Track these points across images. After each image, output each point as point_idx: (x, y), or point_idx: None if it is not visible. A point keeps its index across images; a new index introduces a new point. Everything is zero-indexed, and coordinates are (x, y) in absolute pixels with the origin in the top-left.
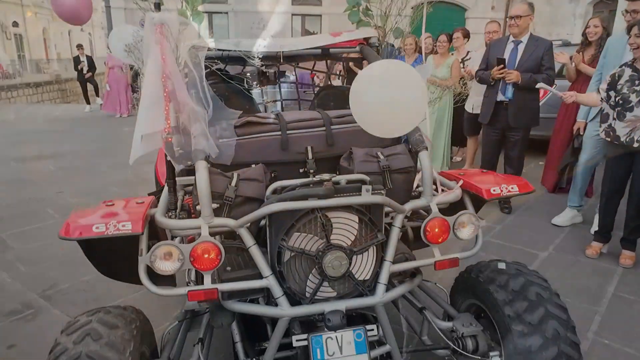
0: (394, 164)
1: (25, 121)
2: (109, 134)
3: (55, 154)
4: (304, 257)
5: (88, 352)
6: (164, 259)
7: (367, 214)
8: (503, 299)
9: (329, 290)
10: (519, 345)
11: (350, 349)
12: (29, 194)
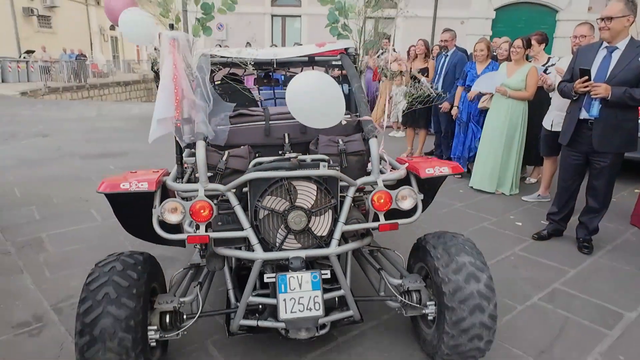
0: (350, 148)
1: (104, 118)
2: None
3: (119, 153)
4: (274, 214)
5: (112, 278)
6: (171, 212)
7: (323, 184)
8: (440, 262)
9: (294, 242)
10: (448, 299)
11: (308, 286)
12: (80, 193)
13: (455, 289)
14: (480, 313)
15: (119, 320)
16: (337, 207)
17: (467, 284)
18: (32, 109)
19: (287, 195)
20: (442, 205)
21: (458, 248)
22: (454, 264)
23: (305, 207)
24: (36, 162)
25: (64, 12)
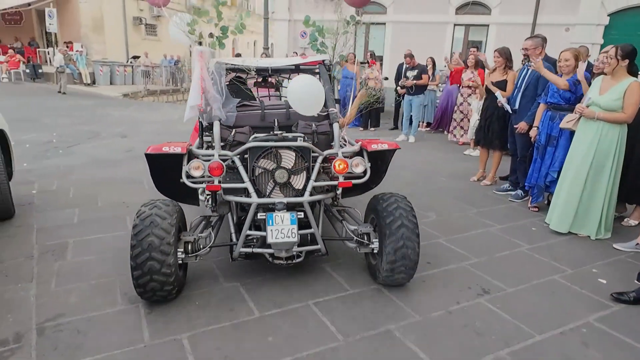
0: (319, 129)
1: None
2: None
3: None
4: (265, 172)
5: (155, 213)
6: (194, 169)
7: (300, 152)
8: (382, 212)
9: (279, 193)
10: (387, 237)
11: (287, 222)
12: (125, 197)
13: (391, 231)
14: (407, 247)
15: (161, 239)
16: (310, 169)
17: (399, 228)
18: (125, 110)
19: (275, 159)
20: (506, 244)
21: (396, 204)
22: (391, 214)
23: (287, 168)
24: (104, 162)
25: (168, 21)
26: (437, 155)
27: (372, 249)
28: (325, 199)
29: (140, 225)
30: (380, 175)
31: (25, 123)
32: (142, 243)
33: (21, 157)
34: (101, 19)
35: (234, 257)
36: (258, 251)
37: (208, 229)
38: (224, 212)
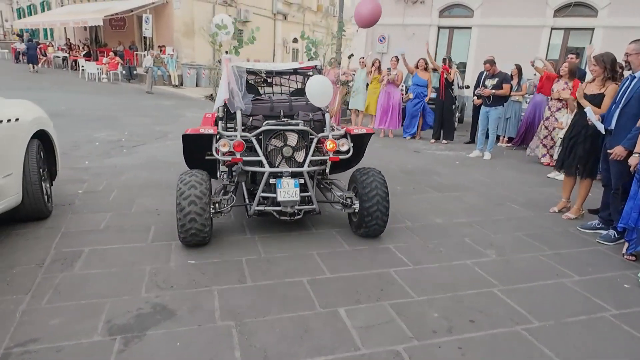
0: (315, 117)
1: None
2: None
3: None
4: (275, 148)
5: (194, 180)
6: (222, 146)
7: (300, 134)
8: (361, 181)
9: (285, 165)
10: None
11: (292, 185)
12: (159, 204)
13: (368, 197)
14: (379, 210)
15: (199, 198)
16: (308, 147)
17: (374, 196)
18: (200, 111)
19: (282, 139)
20: (585, 305)
21: (373, 177)
22: (369, 185)
23: (292, 145)
24: (159, 164)
25: (254, 25)
26: (514, 177)
27: (354, 209)
28: (319, 170)
29: (184, 189)
30: (360, 155)
31: (104, 121)
32: (186, 201)
33: (86, 156)
34: (192, 24)
35: (250, 214)
36: (269, 209)
37: (228, 193)
38: (242, 179)
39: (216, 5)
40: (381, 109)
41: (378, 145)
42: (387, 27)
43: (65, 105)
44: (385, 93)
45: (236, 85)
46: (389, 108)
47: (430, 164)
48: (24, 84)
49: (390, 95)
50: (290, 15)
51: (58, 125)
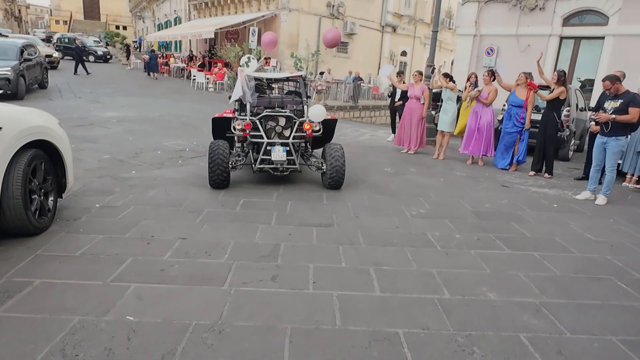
0: (297, 108)
1: None
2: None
3: None
4: (271, 127)
5: (219, 145)
6: (237, 125)
7: (287, 118)
8: (329, 154)
9: (277, 138)
10: (329, 161)
11: (281, 151)
12: (158, 232)
13: (331, 162)
14: (338, 171)
15: (223, 156)
16: (292, 127)
17: (336, 160)
18: None
19: (275, 121)
20: None
21: (335, 149)
22: (332, 154)
23: (282, 125)
24: (197, 180)
25: (360, 38)
26: (637, 237)
27: (323, 170)
28: (301, 142)
29: (215, 149)
30: (330, 134)
31: (184, 129)
32: (213, 158)
33: (139, 164)
34: (297, 36)
35: (254, 170)
36: (266, 167)
37: (240, 156)
38: (250, 147)
39: (322, 18)
40: (468, 131)
41: (459, 175)
42: (497, 38)
43: (161, 111)
44: (473, 113)
45: (247, 87)
46: (475, 130)
47: (516, 205)
48: (139, 90)
49: (477, 116)
50: (400, 28)
51: (140, 131)
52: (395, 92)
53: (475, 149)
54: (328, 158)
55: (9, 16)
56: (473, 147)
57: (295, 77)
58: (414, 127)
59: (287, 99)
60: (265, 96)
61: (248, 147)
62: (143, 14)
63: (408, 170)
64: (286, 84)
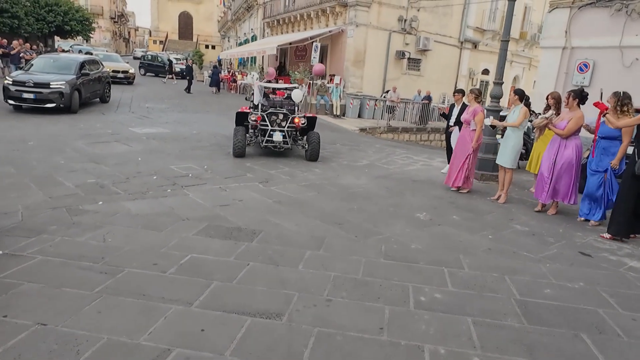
0: (290, 108)
1: (376, 175)
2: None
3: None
4: (274, 120)
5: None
6: (252, 117)
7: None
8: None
9: (277, 127)
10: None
11: (280, 134)
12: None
13: (310, 142)
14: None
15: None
16: (287, 120)
17: (313, 141)
18: (331, 146)
19: (276, 116)
20: None
21: (315, 134)
22: (312, 138)
23: (280, 118)
24: (160, 221)
25: (434, 54)
26: None
27: (306, 148)
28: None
29: (237, 132)
30: (313, 125)
31: (206, 150)
32: (236, 137)
33: (119, 192)
34: (363, 53)
35: (262, 146)
36: (270, 145)
37: (253, 138)
38: (259, 132)
39: (392, 33)
40: (540, 169)
41: (519, 229)
42: (594, 51)
43: (200, 129)
44: (550, 145)
45: (259, 92)
46: (550, 169)
47: (598, 294)
48: (196, 106)
49: (555, 149)
50: (482, 44)
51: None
52: (451, 114)
53: (549, 193)
54: (309, 141)
55: (117, 37)
56: (550, 192)
57: (291, 88)
58: (459, 158)
59: (285, 102)
60: (270, 99)
61: (258, 132)
62: (228, 34)
63: (448, 218)
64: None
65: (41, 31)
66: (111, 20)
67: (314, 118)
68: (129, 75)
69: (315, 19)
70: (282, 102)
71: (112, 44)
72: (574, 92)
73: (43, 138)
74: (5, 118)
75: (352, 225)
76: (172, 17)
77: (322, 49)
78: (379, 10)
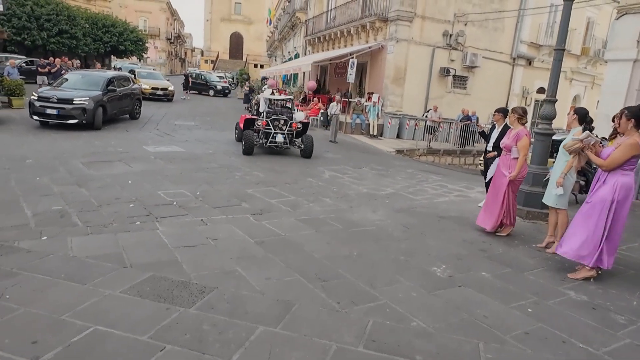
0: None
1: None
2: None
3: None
4: (276, 125)
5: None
6: (258, 122)
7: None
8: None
9: (279, 130)
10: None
11: (281, 136)
12: None
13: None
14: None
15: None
16: (287, 124)
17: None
18: (364, 176)
19: (278, 121)
20: None
21: (308, 137)
22: (306, 139)
23: (281, 123)
24: (89, 268)
25: (483, 71)
26: None
27: (300, 147)
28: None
29: (248, 134)
30: (306, 129)
31: (210, 172)
32: (245, 137)
33: (76, 225)
34: (404, 70)
35: (266, 146)
36: (273, 145)
37: (259, 138)
38: (264, 135)
39: (436, 48)
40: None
41: (573, 298)
42: None
43: (217, 148)
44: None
45: (264, 102)
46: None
47: None
48: (224, 123)
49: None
50: (538, 60)
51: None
52: (490, 135)
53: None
54: (304, 142)
55: (172, 57)
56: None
57: (288, 98)
58: (496, 193)
59: (284, 110)
60: (272, 108)
61: (262, 134)
62: (275, 53)
63: (476, 275)
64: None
65: (97, 51)
66: (167, 41)
67: (307, 123)
68: (168, 92)
69: (355, 35)
70: (282, 110)
71: (167, 63)
72: (629, 111)
73: (46, 156)
74: (26, 133)
75: (340, 284)
76: (224, 38)
77: (360, 66)
78: (422, 24)
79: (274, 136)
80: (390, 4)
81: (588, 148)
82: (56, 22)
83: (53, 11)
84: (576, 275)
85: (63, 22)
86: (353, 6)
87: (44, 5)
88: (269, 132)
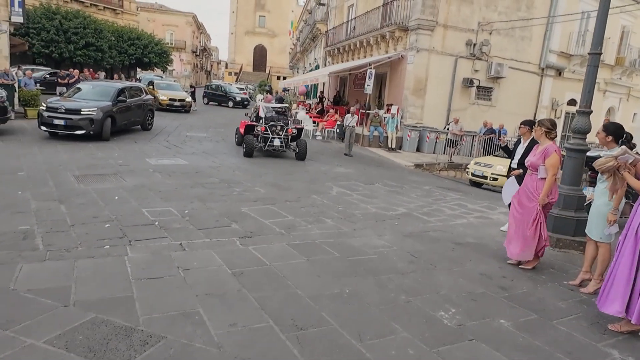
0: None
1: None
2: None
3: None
4: (274, 130)
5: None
6: (257, 127)
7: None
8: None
9: (276, 135)
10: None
11: (278, 140)
12: None
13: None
14: (302, 151)
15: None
16: (283, 130)
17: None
18: (376, 192)
19: (276, 127)
20: None
21: (303, 140)
22: (301, 143)
23: (278, 129)
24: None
25: (509, 82)
26: None
27: (295, 150)
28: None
29: (248, 139)
30: (300, 135)
31: (208, 188)
32: (246, 141)
33: (36, 249)
34: (424, 80)
35: (264, 149)
36: (271, 148)
37: (259, 142)
38: (262, 139)
39: (459, 58)
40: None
41: (615, 357)
42: None
43: (222, 162)
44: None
45: (265, 110)
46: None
47: None
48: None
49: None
50: (568, 71)
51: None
52: (515, 150)
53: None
54: (298, 146)
55: (198, 69)
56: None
57: (283, 107)
58: (521, 219)
59: (281, 117)
60: (270, 115)
61: (261, 139)
62: (297, 65)
63: (492, 324)
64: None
65: (122, 63)
66: (192, 53)
67: (301, 129)
68: (185, 103)
69: (375, 45)
70: (278, 117)
71: (192, 75)
72: None
73: (40, 168)
74: (32, 144)
75: (320, 334)
76: (248, 50)
77: (379, 77)
78: (444, 33)
79: (272, 140)
80: (411, 13)
81: (625, 168)
82: (83, 35)
83: (80, 25)
84: (620, 327)
85: (89, 35)
86: (373, 16)
87: (72, 19)
88: (267, 137)
